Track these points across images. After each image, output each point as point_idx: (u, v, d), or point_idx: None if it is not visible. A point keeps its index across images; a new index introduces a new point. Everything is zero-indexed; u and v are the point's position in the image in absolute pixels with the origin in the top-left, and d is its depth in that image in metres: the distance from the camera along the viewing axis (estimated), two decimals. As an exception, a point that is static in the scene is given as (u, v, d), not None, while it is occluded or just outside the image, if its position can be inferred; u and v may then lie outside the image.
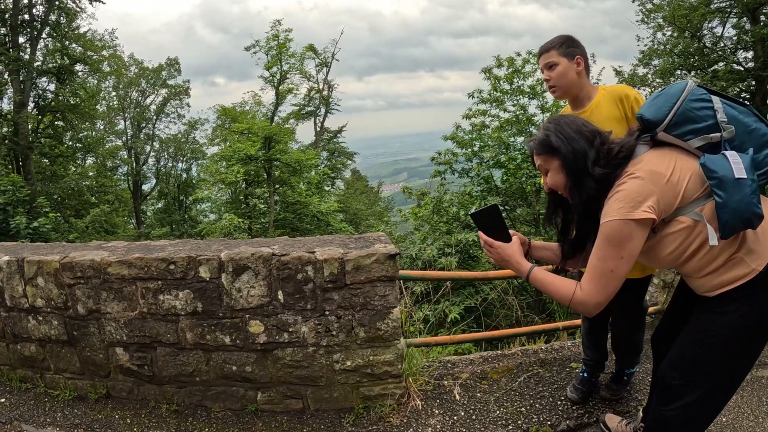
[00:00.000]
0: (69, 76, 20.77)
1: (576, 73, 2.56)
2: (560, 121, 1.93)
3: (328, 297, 2.77)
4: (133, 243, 3.67)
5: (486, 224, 2.03)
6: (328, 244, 2.92)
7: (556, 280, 1.91)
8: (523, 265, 1.99)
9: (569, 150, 1.84)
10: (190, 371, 3.20)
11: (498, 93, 12.28)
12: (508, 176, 11.91)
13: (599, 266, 1.76)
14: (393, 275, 2.73)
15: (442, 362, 3.52)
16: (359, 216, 28.93)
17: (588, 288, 1.79)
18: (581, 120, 1.94)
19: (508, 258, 2.02)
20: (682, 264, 1.81)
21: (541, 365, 3.49)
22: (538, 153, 1.96)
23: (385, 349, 2.86)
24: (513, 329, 3.68)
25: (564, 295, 1.86)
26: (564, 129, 1.89)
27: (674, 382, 1.90)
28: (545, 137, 1.91)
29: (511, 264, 2.01)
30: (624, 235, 1.68)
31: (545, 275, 1.94)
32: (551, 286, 1.90)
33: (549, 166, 1.93)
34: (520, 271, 2.00)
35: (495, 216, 2.02)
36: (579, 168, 1.81)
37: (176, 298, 3.06)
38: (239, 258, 2.81)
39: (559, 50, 2.55)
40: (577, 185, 1.85)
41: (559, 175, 1.89)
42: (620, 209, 1.69)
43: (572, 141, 1.85)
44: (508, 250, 2.02)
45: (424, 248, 10.93)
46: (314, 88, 31.73)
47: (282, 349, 2.95)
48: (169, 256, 3.02)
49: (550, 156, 1.91)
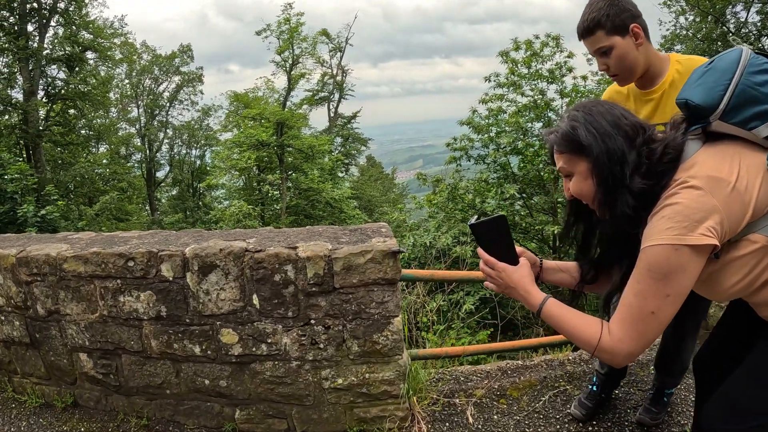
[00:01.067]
0: (79, 64, 20.54)
1: (637, 48, 1.96)
2: (592, 109, 1.42)
3: (314, 303, 2.27)
4: (100, 234, 3.22)
5: (488, 239, 1.55)
6: (316, 238, 2.40)
7: (577, 319, 1.42)
8: (534, 295, 1.51)
9: (603, 150, 1.36)
10: (159, 383, 2.78)
11: (515, 77, 11.69)
12: (525, 163, 11.49)
13: (636, 306, 1.31)
14: (393, 277, 2.20)
15: (454, 375, 3.00)
16: (373, 203, 28.51)
17: (620, 333, 1.34)
18: (620, 109, 1.44)
19: (514, 285, 1.53)
20: (752, 294, 1.35)
21: (569, 380, 2.96)
22: (560, 150, 1.46)
23: (384, 366, 2.35)
24: (533, 340, 3.14)
25: (587, 339, 1.38)
26: (597, 121, 1.39)
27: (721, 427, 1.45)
28: (571, 130, 1.41)
29: (517, 293, 1.53)
30: (673, 265, 1.25)
31: (562, 311, 1.46)
32: (570, 326, 1.42)
33: (573, 168, 1.44)
34: (529, 303, 1.52)
35: (500, 230, 1.53)
36: (614, 176, 1.36)
37: (137, 300, 2.60)
38: (205, 254, 2.32)
39: (608, 28, 1.93)
40: (610, 199, 1.38)
41: (586, 182, 1.43)
42: (670, 230, 1.25)
43: (608, 138, 1.37)
44: (515, 275, 1.53)
45: (439, 236, 10.65)
46: (328, 74, 31.17)
47: (260, 363, 2.47)
48: (128, 251, 2.55)
49: (576, 156, 1.42)
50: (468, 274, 2.79)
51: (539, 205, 11.85)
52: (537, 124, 11.79)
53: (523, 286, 1.51)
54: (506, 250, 1.54)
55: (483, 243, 1.54)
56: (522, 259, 1.56)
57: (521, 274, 1.52)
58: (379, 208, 25.98)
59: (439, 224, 11.30)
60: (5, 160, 12.84)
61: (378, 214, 24.31)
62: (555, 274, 1.74)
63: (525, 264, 1.55)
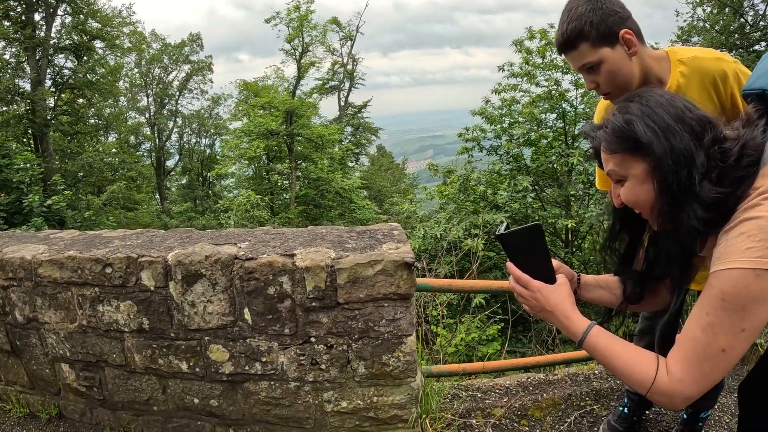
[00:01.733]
0: (87, 53, 20.36)
1: (630, 58, 1.61)
2: (649, 99, 1.17)
3: (314, 319, 1.97)
4: (83, 234, 2.96)
5: (520, 252, 1.26)
6: (318, 242, 2.10)
7: (628, 354, 1.15)
8: (576, 322, 1.23)
9: (666, 150, 1.11)
10: (145, 398, 2.53)
11: (530, 66, 11.27)
12: (538, 155, 11.16)
13: (704, 341, 1.06)
14: (407, 292, 1.90)
15: (471, 391, 2.71)
16: (383, 193, 28.22)
17: (680, 373, 1.08)
18: (681, 99, 1.17)
19: (551, 308, 1.25)
20: None
21: (596, 398, 2.66)
22: (611, 150, 1.18)
23: (394, 389, 2.06)
24: (559, 356, 2.83)
25: (639, 378, 1.12)
26: (657, 114, 1.13)
27: None
28: (625, 125, 1.15)
29: (555, 318, 1.24)
30: (754, 294, 1.01)
31: (610, 344, 1.17)
32: (621, 362, 1.15)
33: (627, 171, 1.18)
34: (570, 331, 1.23)
35: (535, 242, 1.25)
36: (680, 181, 1.11)
37: (117, 311, 2.33)
38: (190, 262, 2.03)
39: (593, 38, 1.56)
40: (673, 210, 1.13)
41: (642, 187, 1.17)
42: (751, 251, 1.01)
43: (671, 135, 1.11)
44: (553, 296, 1.25)
45: (450, 228, 10.39)
46: (338, 62, 30.74)
47: (254, 383, 2.19)
48: (104, 257, 2.27)
49: (632, 156, 1.16)
50: (492, 284, 2.48)
51: (552, 198, 11.50)
52: (551, 115, 11.40)
53: (563, 311, 1.23)
54: (542, 266, 1.25)
55: (514, 256, 1.26)
56: (560, 277, 1.28)
57: (560, 296, 1.24)
58: (389, 199, 25.65)
59: (450, 216, 11.03)
60: (11, 150, 12.73)
61: (388, 205, 24.05)
62: (594, 290, 1.47)
63: (564, 283, 1.27)
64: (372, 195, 26.76)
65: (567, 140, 11.10)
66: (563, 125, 11.15)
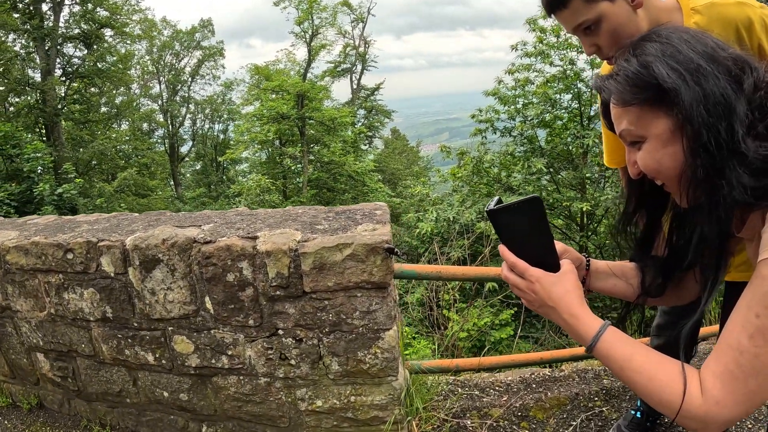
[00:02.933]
0: (96, 41, 20.30)
1: (635, 11, 1.32)
2: (670, 36, 0.89)
3: (279, 310, 1.76)
4: (60, 218, 2.80)
5: (514, 233, 0.98)
6: (288, 223, 1.88)
7: (650, 365, 0.87)
8: (584, 321, 0.94)
9: (697, 97, 0.83)
10: (118, 390, 2.38)
11: (544, 46, 10.86)
12: (552, 136, 10.84)
13: (751, 352, 0.79)
14: (382, 280, 1.66)
15: (468, 388, 2.49)
16: (397, 176, 27.95)
17: (719, 392, 0.81)
18: (710, 36, 0.89)
19: (554, 303, 0.96)
20: None
21: (606, 398, 2.42)
22: (624, 102, 0.90)
23: (374, 388, 1.85)
24: (565, 351, 2.57)
25: (664, 397, 0.84)
26: (682, 53, 0.86)
27: None
28: (642, 69, 0.87)
29: (558, 315, 0.96)
30: None
31: (627, 351, 0.90)
32: (641, 376, 0.87)
33: (646, 130, 0.90)
34: (577, 332, 0.95)
35: (533, 219, 0.96)
36: (718, 138, 0.82)
37: (82, 299, 2.16)
38: (146, 246, 1.83)
39: None
40: (711, 177, 0.84)
41: (666, 150, 0.89)
42: None
43: (704, 78, 0.84)
44: (555, 288, 0.96)
45: (463, 211, 10.22)
46: (350, 45, 30.30)
47: (223, 377, 2.00)
48: (65, 241, 2.09)
49: (652, 110, 0.88)
50: (487, 271, 2.19)
51: (567, 181, 11.17)
52: (566, 95, 11.01)
53: (568, 307, 0.95)
54: (542, 249, 0.97)
55: (507, 237, 0.98)
56: (565, 263, 0.99)
57: (565, 288, 0.96)
58: (402, 181, 25.38)
59: (464, 198, 10.82)
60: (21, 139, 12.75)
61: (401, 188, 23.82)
62: (606, 280, 1.18)
63: (570, 271, 0.98)
64: (386, 178, 26.51)
65: (582, 121, 10.75)
66: (578, 106, 10.79)
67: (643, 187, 1.06)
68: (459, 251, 8.73)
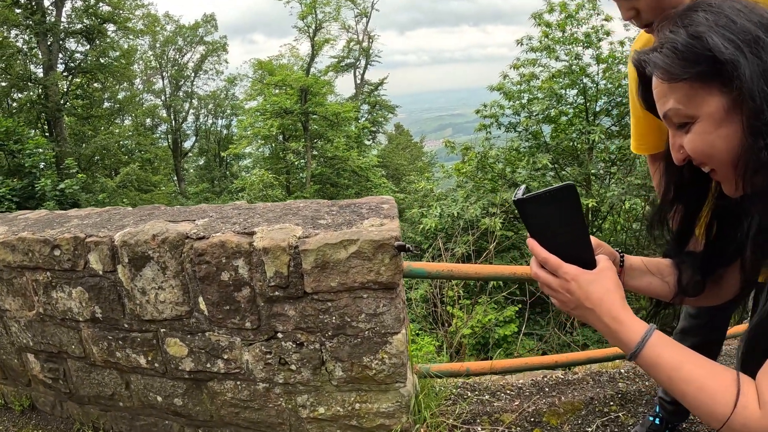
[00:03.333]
0: (99, 36, 20.18)
1: None
2: (722, 5, 0.79)
3: (279, 312, 1.63)
4: (52, 213, 2.69)
5: (546, 224, 0.85)
6: (289, 218, 1.75)
7: (701, 371, 0.77)
8: (629, 325, 0.82)
9: (758, 69, 0.72)
10: (110, 394, 2.27)
11: (549, 41, 10.70)
12: (558, 132, 10.68)
13: None
14: (390, 281, 1.53)
15: (478, 392, 2.36)
16: (400, 171, 27.83)
17: None
18: (762, 8, 0.80)
19: (594, 304, 0.84)
20: None
21: (622, 403, 2.29)
22: (671, 78, 0.79)
23: (380, 395, 1.72)
24: (581, 354, 2.43)
25: (716, 406, 0.74)
26: (737, 23, 0.75)
27: None
28: (693, 39, 0.77)
29: (597, 317, 0.84)
30: None
31: (676, 356, 0.79)
32: (691, 384, 0.76)
33: (698, 109, 0.79)
34: (619, 337, 0.83)
35: (568, 209, 0.83)
36: None
37: (70, 298, 2.04)
38: (135, 242, 1.70)
39: None
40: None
41: (721, 131, 0.78)
42: None
43: (764, 49, 0.73)
44: (596, 285, 0.84)
45: (467, 207, 10.13)
46: (353, 40, 30.11)
47: (219, 382, 1.87)
48: (52, 237, 1.97)
49: (704, 86, 0.77)
50: (503, 269, 2.03)
51: (572, 177, 11.05)
52: (572, 91, 10.90)
53: (609, 309, 0.82)
54: (576, 243, 0.85)
55: (537, 230, 0.86)
56: (601, 259, 0.87)
57: (605, 287, 0.84)
58: (406, 177, 25.25)
59: (468, 194, 10.73)
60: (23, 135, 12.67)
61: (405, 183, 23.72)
62: (642, 277, 1.05)
63: (609, 268, 0.86)
64: (389, 173, 26.39)
65: (588, 117, 10.63)
66: (584, 101, 10.66)
67: (683, 176, 0.94)
68: (463, 247, 8.64)
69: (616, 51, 10.50)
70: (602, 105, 10.81)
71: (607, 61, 10.40)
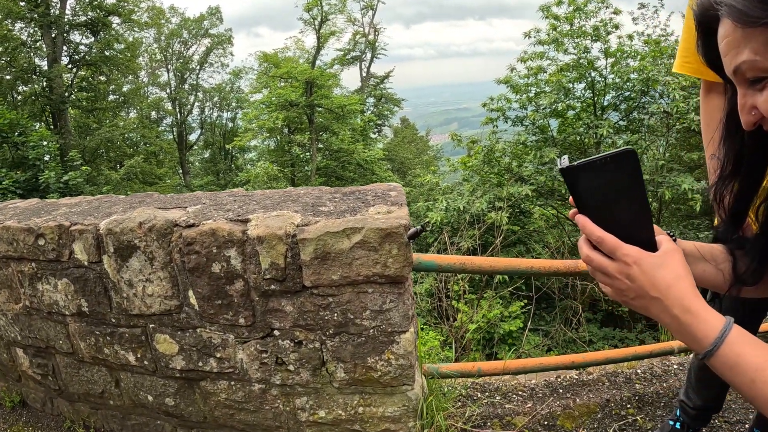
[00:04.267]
0: (103, 29, 20.09)
1: None
2: None
3: (275, 307, 1.49)
4: (43, 201, 2.57)
5: (600, 198, 0.70)
6: (288, 204, 1.61)
7: None
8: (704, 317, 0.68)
9: None
10: (100, 391, 2.16)
11: (557, 33, 10.50)
12: (565, 126, 10.50)
13: None
14: (398, 274, 1.39)
15: (488, 393, 2.22)
16: (406, 165, 27.68)
17: None
18: None
19: (660, 293, 0.69)
20: None
21: (640, 405, 2.15)
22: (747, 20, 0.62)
23: (385, 398, 1.58)
24: (599, 354, 2.28)
25: None
26: None
27: None
28: None
29: (666, 308, 0.69)
30: None
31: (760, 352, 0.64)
32: None
33: None
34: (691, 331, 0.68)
35: (626, 180, 0.68)
36: None
37: (56, 290, 1.91)
38: (121, 230, 1.57)
39: None
40: None
41: None
42: None
43: None
44: (663, 270, 0.70)
45: (473, 201, 10.00)
46: (359, 32, 29.87)
47: (212, 382, 1.74)
48: (37, 225, 1.83)
49: None
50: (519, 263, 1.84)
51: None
52: (579, 84, 10.70)
53: (680, 298, 0.69)
54: (635, 220, 0.71)
55: (588, 204, 0.72)
56: (664, 239, 0.73)
57: (675, 272, 0.70)
58: (411, 170, 25.08)
59: (474, 188, 10.59)
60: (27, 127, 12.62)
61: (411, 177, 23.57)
62: (696, 264, 0.90)
63: (675, 250, 0.72)
64: (395, 167, 26.23)
65: (596, 111, 10.45)
66: (592, 95, 10.48)
67: (743, 146, 0.79)
68: (469, 241, 8.51)
69: (624, 45, 10.31)
70: (610, 99, 10.64)
71: (615, 55, 10.21)
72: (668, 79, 8.97)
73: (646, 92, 9.70)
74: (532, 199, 10.24)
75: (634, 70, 9.72)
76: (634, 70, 9.70)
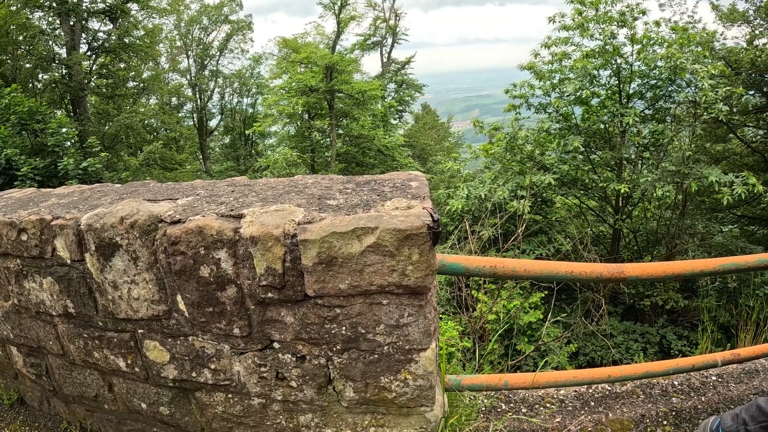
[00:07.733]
0: (122, 15, 20.05)
1: None
2: None
3: (274, 318, 1.30)
4: (39, 191, 2.43)
5: None
6: (292, 197, 1.41)
7: None
8: None
9: None
10: (93, 395, 2.03)
11: (582, 18, 10.03)
12: (589, 114, 10.06)
13: None
14: (420, 283, 1.16)
15: (513, 404, 2.01)
16: (427, 151, 27.33)
17: None
18: None
19: None
20: None
21: (677, 422, 1.92)
22: None
23: (400, 419, 1.38)
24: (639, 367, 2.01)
25: None
26: None
27: None
28: None
29: None
30: None
31: None
32: None
33: None
34: None
35: None
36: None
37: (42, 289, 1.75)
38: (101, 226, 1.38)
39: None
40: None
41: None
42: None
43: None
44: None
45: (495, 189, 9.73)
46: (380, 17, 29.40)
47: (208, 393, 1.57)
48: (19, 219, 1.66)
49: None
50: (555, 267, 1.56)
51: (605, 161, 10.46)
52: (605, 72, 10.22)
53: None
54: None
55: None
56: None
57: None
58: (432, 157, 24.70)
59: (496, 176, 10.27)
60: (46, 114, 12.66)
61: (431, 163, 23.21)
62: None
63: None
64: (415, 154, 25.91)
65: (621, 99, 10.01)
66: (617, 83, 10.03)
67: None
68: (490, 230, 8.27)
69: (651, 31, 9.82)
70: (636, 87, 10.19)
71: (642, 42, 9.73)
72: (696, 68, 8.51)
73: (673, 80, 9.26)
74: (555, 188, 9.90)
75: (661, 58, 9.25)
76: (661, 57, 9.22)
